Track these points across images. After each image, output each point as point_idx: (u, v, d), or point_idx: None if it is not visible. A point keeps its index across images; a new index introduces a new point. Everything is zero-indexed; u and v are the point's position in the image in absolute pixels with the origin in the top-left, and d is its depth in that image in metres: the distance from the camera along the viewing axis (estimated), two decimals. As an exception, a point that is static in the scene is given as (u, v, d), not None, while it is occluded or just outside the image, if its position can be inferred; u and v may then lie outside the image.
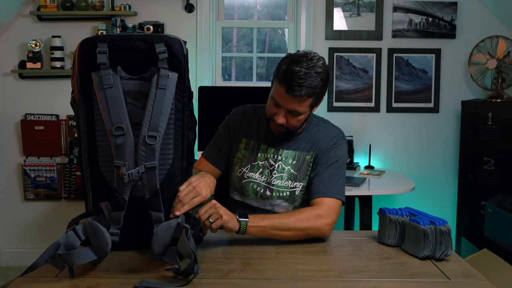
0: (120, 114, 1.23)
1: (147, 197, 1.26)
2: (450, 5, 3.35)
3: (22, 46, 3.39)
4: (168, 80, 1.25)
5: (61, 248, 1.14)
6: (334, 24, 3.38)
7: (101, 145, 1.28)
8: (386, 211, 1.46)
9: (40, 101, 3.43)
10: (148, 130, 1.23)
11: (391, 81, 3.41)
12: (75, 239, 1.18)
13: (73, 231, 1.18)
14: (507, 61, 3.10)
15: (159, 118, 1.24)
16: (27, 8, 3.35)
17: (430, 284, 1.18)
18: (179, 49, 1.28)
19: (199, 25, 3.36)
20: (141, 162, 1.24)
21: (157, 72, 1.25)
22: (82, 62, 1.27)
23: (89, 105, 1.28)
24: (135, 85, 1.27)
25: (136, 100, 1.26)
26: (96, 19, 3.36)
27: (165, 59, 1.25)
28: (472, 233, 3.12)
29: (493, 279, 1.42)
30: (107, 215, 1.26)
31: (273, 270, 1.25)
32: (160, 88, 1.25)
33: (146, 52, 1.26)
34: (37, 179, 3.45)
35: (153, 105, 1.24)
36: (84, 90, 1.28)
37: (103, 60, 1.24)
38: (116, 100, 1.23)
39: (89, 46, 1.26)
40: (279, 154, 1.68)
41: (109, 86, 1.23)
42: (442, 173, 3.49)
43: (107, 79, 1.23)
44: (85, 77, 1.27)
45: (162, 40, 1.26)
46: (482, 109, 3.10)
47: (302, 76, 1.50)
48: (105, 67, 1.24)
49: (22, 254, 3.50)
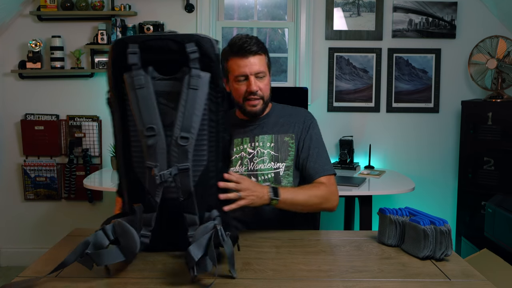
0: (151, 114, 1.21)
1: (181, 199, 1.25)
2: (450, 5, 3.35)
3: (22, 46, 3.39)
4: (200, 80, 1.23)
5: (90, 247, 1.13)
6: (334, 24, 3.38)
7: (135, 145, 1.27)
8: (386, 211, 1.46)
9: (40, 101, 3.43)
10: (181, 131, 1.22)
11: (391, 81, 3.41)
12: (104, 239, 1.16)
13: (102, 230, 1.17)
14: (507, 61, 3.10)
15: (191, 119, 1.22)
16: (27, 8, 3.35)
17: (430, 284, 1.18)
18: (211, 48, 1.26)
19: (199, 25, 3.36)
20: (173, 163, 1.22)
21: (188, 72, 1.23)
22: (114, 63, 1.26)
23: (123, 106, 1.27)
24: (167, 86, 1.25)
25: (168, 101, 1.24)
26: (96, 19, 3.36)
27: (196, 59, 1.24)
28: (472, 233, 3.12)
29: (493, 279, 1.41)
30: (138, 216, 1.25)
31: (273, 270, 1.25)
32: (192, 89, 1.23)
33: (177, 52, 1.24)
34: (37, 179, 3.45)
35: (185, 106, 1.22)
36: (117, 90, 1.27)
37: (134, 60, 1.23)
38: (147, 100, 1.22)
39: (121, 47, 1.25)
40: (256, 141, 1.75)
41: (140, 87, 1.22)
42: (442, 173, 3.49)
43: (138, 79, 1.22)
44: (118, 78, 1.26)
45: (192, 39, 1.25)
46: (482, 109, 3.10)
47: (246, 39, 1.67)
48: (137, 68, 1.23)
49: (22, 254, 3.50)
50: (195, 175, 1.25)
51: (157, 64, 1.25)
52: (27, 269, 1.25)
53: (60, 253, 1.36)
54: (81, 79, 3.43)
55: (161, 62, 1.25)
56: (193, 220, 1.26)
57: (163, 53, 1.25)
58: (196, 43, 1.24)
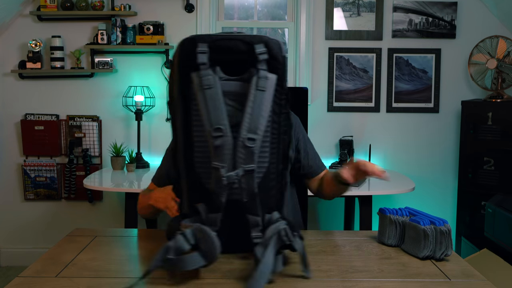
0: (219, 115, 1.20)
1: (245, 201, 1.24)
2: (450, 5, 3.35)
3: (22, 46, 3.39)
4: (268, 82, 1.23)
5: (171, 252, 1.12)
6: (334, 24, 3.38)
7: (198, 145, 1.26)
8: (386, 211, 1.46)
9: (40, 101, 3.43)
10: (247, 132, 1.21)
11: (391, 81, 3.41)
12: (185, 244, 1.14)
13: (182, 235, 1.15)
14: (507, 61, 3.10)
15: (258, 120, 1.22)
16: (27, 8, 3.35)
17: (430, 284, 1.18)
18: (279, 51, 1.27)
19: (199, 25, 3.36)
20: (239, 164, 1.21)
21: (256, 74, 1.23)
22: (181, 62, 1.25)
23: (187, 105, 1.26)
24: (234, 86, 1.25)
25: (234, 101, 1.24)
26: (96, 19, 3.36)
27: (264, 60, 1.23)
28: (472, 233, 3.12)
29: (493, 279, 1.41)
30: (204, 217, 1.24)
31: (273, 270, 1.25)
32: (260, 90, 1.22)
33: (246, 53, 1.24)
34: (37, 179, 3.45)
35: (253, 107, 1.22)
36: (182, 90, 1.26)
37: (203, 60, 1.22)
38: (215, 101, 1.21)
39: (190, 46, 1.24)
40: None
41: (209, 87, 1.21)
42: (442, 173, 3.49)
43: (207, 79, 1.21)
44: (184, 77, 1.25)
45: (262, 41, 1.25)
46: (482, 109, 3.10)
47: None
48: (205, 67, 1.22)
49: (22, 254, 3.50)
50: (257, 176, 1.25)
51: (223, 64, 1.25)
52: (27, 269, 1.25)
53: (60, 253, 1.36)
54: (81, 79, 3.43)
55: (228, 62, 1.25)
56: (256, 221, 1.26)
57: (232, 54, 1.25)
58: (265, 45, 1.25)
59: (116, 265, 1.29)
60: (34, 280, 1.18)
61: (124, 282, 1.17)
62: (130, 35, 3.29)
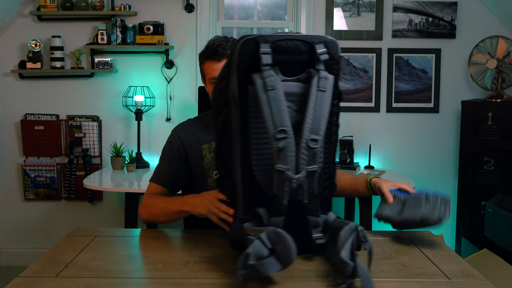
0: (283, 116, 1.18)
1: (306, 202, 1.23)
2: (450, 5, 3.35)
3: (22, 46, 3.39)
4: (327, 82, 1.22)
5: (251, 258, 1.09)
6: (334, 24, 3.38)
7: (255, 148, 1.24)
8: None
9: (40, 101, 3.44)
10: (310, 133, 1.19)
11: (391, 81, 3.41)
12: (263, 249, 1.11)
13: (259, 240, 1.12)
14: (507, 61, 3.10)
15: (319, 121, 1.20)
16: (27, 8, 3.35)
17: (430, 284, 1.18)
18: (336, 51, 1.26)
19: (199, 25, 3.36)
20: (302, 166, 1.20)
21: (317, 74, 1.22)
22: (242, 63, 1.22)
23: (245, 108, 1.24)
24: (292, 87, 1.23)
25: (291, 102, 1.23)
26: (96, 19, 3.36)
27: (325, 60, 1.23)
28: (472, 233, 3.12)
29: (493, 279, 1.42)
30: (265, 221, 1.23)
31: (273, 270, 1.25)
32: (321, 90, 1.21)
33: (306, 53, 1.23)
34: (37, 179, 3.45)
35: (314, 108, 1.20)
36: (240, 91, 1.23)
37: (268, 61, 1.19)
38: (278, 102, 1.18)
39: (251, 47, 1.21)
40: None
41: (272, 88, 1.19)
42: (442, 173, 3.49)
43: (270, 80, 1.19)
44: (243, 78, 1.22)
45: (321, 41, 1.25)
46: (482, 109, 3.10)
47: (222, 43, 1.68)
48: (268, 68, 1.20)
49: (22, 254, 3.50)
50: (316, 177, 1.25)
51: (282, 64, 1.23)
52: (27, 269, 1.25)
53: (60, 253, 1.36)
54: (81, 79, 3.43)
55: (287, 63, 1.23)
56: (317, 222, 1.26)
57: (292, 54, 1.23)
58: (324, 45, 1.24)
59: (116, 265, 1.29)
60: (34, 280, 1.18)
61: (124, 282, 1.17)
62: (130, 35, 3.30)
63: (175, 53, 3.41)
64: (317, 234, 1.25)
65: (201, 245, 1.43)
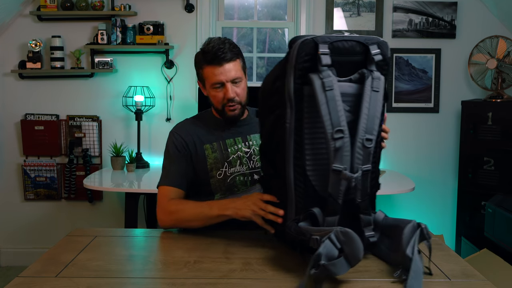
0: (340, 116, 1.20)
1: (359, 201, 1.25)
2: (450, 5, 3.35)
3: (22, 46, 3.39)
4: (380, 83, 1.25)
5: (323, 258, 1.10)
6: (334, 24, 3.38)
7: (309, 148, 1.25)
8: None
9: (40, 101, 3.44)
10: (365, 133, 1.22)
11: (391, 81, 3.41)
12: (333, 249, 1.12)
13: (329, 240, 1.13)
14: (507, 61, 3.10)
15: (373, 121, 1.23)
16: (27, 8, 3.35)
17: (430, 284, 1.18)
18: (387, 52, 1.29)
19: (199, 25, 3.36)
20: (357, 165, 1.21)
21: (370, 74, 1.24)
22: (300, 63, 1.23)
23: (299, 108, 1.25)
24: (345, 87, 1.25)
25: (344, 102, 1.24)
26: (96, 19, 3.36)
27: (378, 61, 1.25)
28: (472, 233, 3.12)
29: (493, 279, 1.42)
30: (320, 220, 1.24)
31: (273, 270, 1.25)
32: (374, 91, 1.23)
33: (360, 54, 1.26)
34: (37, 179, 3.45)
35: (369, 108, 1.22)
36: (296, 91, 1.25)
37: (327, 61, 1.21)
38: (335, 102, 1.20)
39: (310, 47, 1.23)
40: (249, 140, 1.75)
41: (330, 88, 1.20)
42: (442, 173, 3.49)
43: (328, 81, 1.20)
44: (299, 78, 1.24)
45: (374, 42, 1.27)
46: (482, 109, 3.10)
47: (220, 46, 1.64)
48: (326, 69, 1.21)
49: (22, 254, 3.50)
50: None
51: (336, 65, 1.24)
52: (27, 269, 1.25)
53: (60, 253, 1.36)
54: (81, 79, 3.43)
55: (341, 63, 1.25)
56: (369, 220, 1.27)
57: (348, 55, 1.26)
58: (378, 46, 1.27)
59: (116, 265, 1.29)
60: (34, 280, 1.18)
61: (124, 282, 1.17)
62: (130, 35, 3.30)
63: (175, 53, 3.41)
64: (369, 233, 1.28)
65: (201, 245, 1.43)
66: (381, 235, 1.30)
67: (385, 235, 1.29)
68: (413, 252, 1.15)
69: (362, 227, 1.27)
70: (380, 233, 1.30)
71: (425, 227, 1.20)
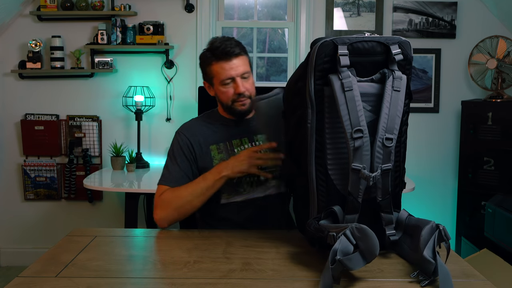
0: (359, 116, 1.22)
1: (379, 200, 1.26)
2: (450, 5, 3.35)
3: (22, 46, 3.39)
4: (401, 82, 1.26)
5: (339, 254, 1.11)
6: (334, 24, 3.38)
7: (330, 148, 1.27)
8: None
9: (40, 101, 3.44)
10: (385, 132, 1.23)
11: (391, 81, 3.41)
12: (349, 244, 1.14)
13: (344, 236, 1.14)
14: (507, 61, 3.10)
15: (394, 120, 1.24)
16: (27, 8, 3.35)
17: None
18: (409, 51, 1.30)
19: (199, 25, 3.36)
20: (377, 164, 1.23)
21: (391, 74, 1.25)
22: (319, 65, 1.26)
23: (320, 108, 1.27)
24: (366, 87, 1.27)
25: (365, 102, 1.26)
26: (96, 19, 3.36)
27: (399, 61, 1.26)
28: (472, 233, 3.12)
29: (493, 279, 1.41)
30: (340, 218, 1.26)
31: (273, 270, 1.25)
32: (395, 90, 1.25)
33: (381, 54, 1.27)
34: (37, 179, 3.45)
35: (389, 107, 1.24)
36: (316, 92, 1.27)
37: (346, 62, 1.23)
38: (354, 102, 1.22)
39: (331, 49, 1.25)
40: (255, 140, 1.76)
41: (349, 89, 1.22)
42: (442, 173, 3.49)
43: (347, 81, 1.22)
44: (319, 80, 1.26)
45: (395, 41, 1.28)
46: (482, 109, 3.10)
47: (226, 42, 1.68)
48: (345, 70, 1.23)
49: (22, 254, 3.50)
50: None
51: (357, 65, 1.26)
52: (27, 269, 1.25)
53: (60, 253, 1.36)
54: (81, 79, 3.43)
55: (361, 64, 1.27)
56: (390, 219, 1.29)
57: (368, 55, 1.27)
58: (399, 45, 1.28)
59: (116, 265, 1.29)
60: (34, 280, 1.18)
61: (124, 282, 1.17)
62: (130, 35, 3.30)
63: (175, 53, 3.41)
64: (390, 231, 1.29)
65: (201, 245, 1.43)
66: (403, 234, 1.31)
67: (407, 234, 1.31)
68: (434, 255, 1.16)
69: (384, 225, 1.29)
70: (403, 232, 1.31)
71: (443, 228, 1.21)
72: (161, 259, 1.32)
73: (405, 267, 1.29)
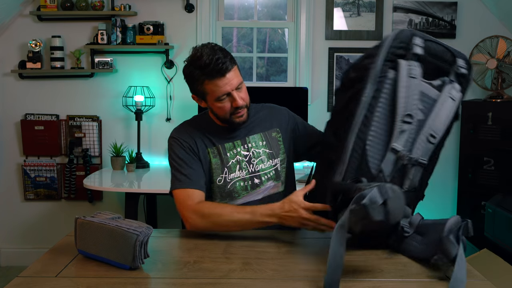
0: (414, 104, 1.29)
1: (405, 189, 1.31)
2: (450, 5, 3.35)
3: (22, 46, 3.39)
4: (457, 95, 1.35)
5: (366, 199, 1.13)
6: (334, 24, 3.38)
7: (375, 125, 1.31)
8: None
9: (40, 101, 3.44)
10: (431, 129, 1.31)
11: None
12: (378, 197, 1.14)
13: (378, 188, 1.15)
14: (507, 61, 3.10)
15: (441, 123, 1.32)
16: (27, 8, 3.35)
17: (430, 284, 1.18)
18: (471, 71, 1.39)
19: (199, 25, 3.36)
20: (416, 154, 1.29)
21: (451, 83, 1.34)
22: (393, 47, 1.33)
23: (379, 87, 1.32)
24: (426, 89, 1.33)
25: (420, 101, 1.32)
26: (96, 19, 3.36)
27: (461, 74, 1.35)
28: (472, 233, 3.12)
29: (493, 279, 1.42)
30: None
31: (273, 270, 1.25)
32: (451, 98, 1.33)
33: (447, 62, 1.36)
34: (37, 179, 3.45)
35: (441, 109, 1.32)
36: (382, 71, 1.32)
37: (418, 51, 1.32)
38: (414, 90, 1.30)
39: (407, 36, 1.34)
40: (248, 142, 1.72)
41: (414, 77, 1.30)
42: (442, 173, 3.49)
43: (414, 69, 1.31)
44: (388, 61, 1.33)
45: (463, 56, 1.38)
46: (482, 109, 3.10)
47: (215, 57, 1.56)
48: (416, 59, 1.32)
49: (22, 254, 3.50)
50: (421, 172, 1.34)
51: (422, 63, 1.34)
52: (27, 269, 1.25)
53: (60, 253, 1.36)
54: (81, 79, 3.43)
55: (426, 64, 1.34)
56: (408, 213, 1.33)
57: (436, 58, 1.36)
58: (465, 62, 1.37)
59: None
60: (34, 280, 1.18)
61: (124, 282, 1.17)
62: (130, 35, 3.30)
63: (175, 53, 3.41)
64: (405, 224, 1.32)
65: (201, 245, 1.43)
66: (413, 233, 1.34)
67: (418, 232, 1.33)
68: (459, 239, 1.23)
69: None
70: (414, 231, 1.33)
71: (470, 222, 1.27)
72: (161, 259, 1.32)
73: (406, 267, 1.29)
